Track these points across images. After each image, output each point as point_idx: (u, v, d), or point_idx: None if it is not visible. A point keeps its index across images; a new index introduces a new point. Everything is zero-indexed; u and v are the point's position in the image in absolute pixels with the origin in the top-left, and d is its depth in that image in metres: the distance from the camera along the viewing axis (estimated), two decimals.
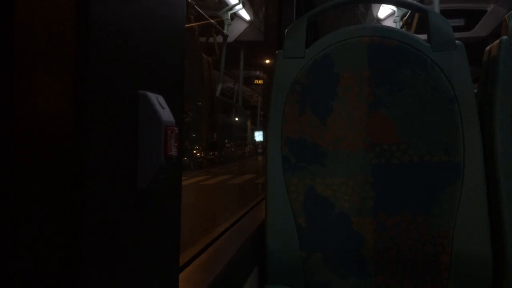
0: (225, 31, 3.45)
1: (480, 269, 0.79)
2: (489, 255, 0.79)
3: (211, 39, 3.28)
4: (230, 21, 3.49)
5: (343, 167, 0.85)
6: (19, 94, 0.25)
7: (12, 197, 0.25)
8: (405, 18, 3.08)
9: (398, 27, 3.12)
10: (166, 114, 0.33)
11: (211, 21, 3.21)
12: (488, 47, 0.90)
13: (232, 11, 3.50)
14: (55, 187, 0.25)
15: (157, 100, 0.33)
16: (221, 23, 3.43)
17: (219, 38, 3.48)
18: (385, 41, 0.86)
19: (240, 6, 3.51)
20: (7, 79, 0.25)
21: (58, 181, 0.25)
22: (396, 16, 3.21)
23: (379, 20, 3.48)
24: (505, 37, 0.84)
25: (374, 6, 3.35)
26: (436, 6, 2.34)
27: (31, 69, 0.25)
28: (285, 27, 0.96)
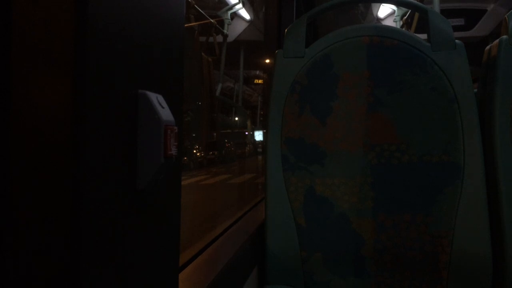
0: (225, 31, 3.46)
1: (480, 269, 0.79)
2: (489, 255, 0.79)
3: (211, 39, 3.29)
4: (230, 20, 3.49)
5: (342, 168, 0.85)
6: (18, 94, 0.25)
7: (11, 197, 0.25)
8: (405, 17, 3.08)
9: (398, 26, 3.12)
10: (166, 113, 0.33)
11: (211, 20, 3.21)
12: (488, 47, 0.90)
13: (232, 11, 3.50)
14: (54, 187, 0.25)
15: (157, 100, 0.33)
16: (221, 22, 3.43)
17: (219, 38, 3.48)
18: (385, 41, 0.86)
19: (240, 5, 3.51)
20: (6, 79, 0.25)
21: (57, 181, 0.25)
22: (396, 16, 3.21)
23: (379, 19, 3.49)
24: (505, 36, 0.84)
25: (374, 5, 3.36)
26: (436, 6, 2.34)
27: (30, 69, 0.25)
28: (285, 27, 0.96)
